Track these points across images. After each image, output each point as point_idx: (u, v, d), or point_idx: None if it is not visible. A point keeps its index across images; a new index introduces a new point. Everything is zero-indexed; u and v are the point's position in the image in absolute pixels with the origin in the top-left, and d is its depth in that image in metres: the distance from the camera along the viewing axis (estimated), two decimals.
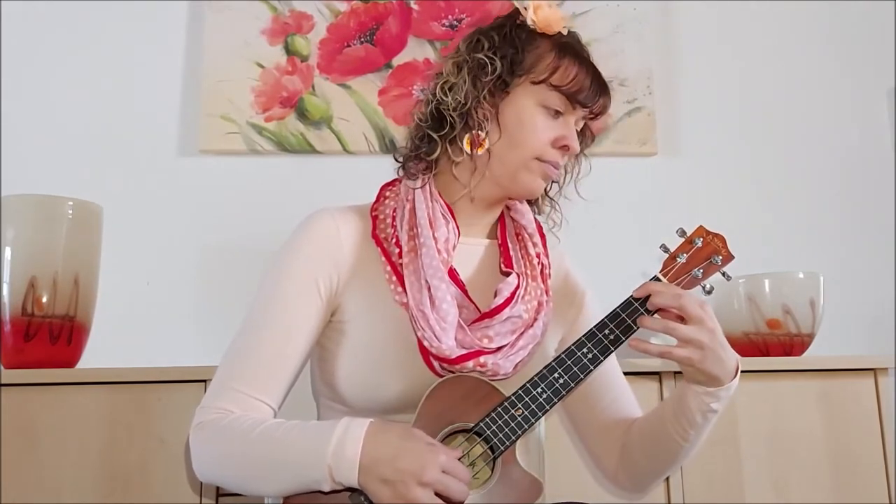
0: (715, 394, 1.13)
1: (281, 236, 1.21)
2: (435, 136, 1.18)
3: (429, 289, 1.12)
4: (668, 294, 1.10)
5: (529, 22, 1.19)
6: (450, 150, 1.19)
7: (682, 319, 1.09)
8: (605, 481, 1.36)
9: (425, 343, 1.09)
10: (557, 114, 1.18)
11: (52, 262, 1.56)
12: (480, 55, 1.17)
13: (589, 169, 1.30)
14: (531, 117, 1.17)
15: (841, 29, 2.23)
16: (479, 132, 1.17)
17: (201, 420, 1.10)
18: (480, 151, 1.17)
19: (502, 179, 1.19)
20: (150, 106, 1.99)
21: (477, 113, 1.17)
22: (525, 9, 1.20)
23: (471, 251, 1.24)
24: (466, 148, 1.17)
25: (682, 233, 1.17)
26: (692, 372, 1.12)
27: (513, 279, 1.18)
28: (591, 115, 1.22)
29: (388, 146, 2.01)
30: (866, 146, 2.18)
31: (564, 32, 1.21)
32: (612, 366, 1.30)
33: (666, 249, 1.16)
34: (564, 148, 1.19)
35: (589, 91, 1.17)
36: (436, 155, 1.20)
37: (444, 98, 1.17)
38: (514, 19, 1.21)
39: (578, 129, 1.23)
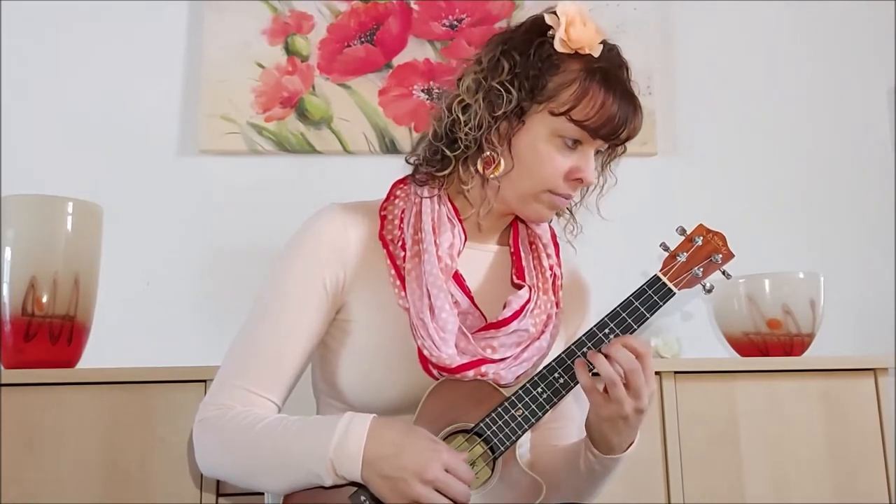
0: (603, 461, 1.12)
1: (281, 236, 1.20)
2: (449, 154, 1.14)
3: (429, 297, 1.10)
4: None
5: (559, 43, 1.10)
6: (461, 170, 1.15)
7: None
8: None
9: (425, 352, 1.09)
10: (576, 143, 1.12)
11: (52, 262, 1.55)
12: (497, 83, 1.10)
13: (615, 181, 1.24)
14: (546, 149, 1.11)
15: (841, 29, 2.23)
16: (493, 156, 1.12)
17: (204, 416, 1.10)
18: (493, 175, 1.13)
19: (511, 203, 1.16)
20: (150, 106, 2.00)
21: (491, 138, 1.12)
22: (556, 15, 1.11)
23: (480, 257, 1.21)
24: (479, 169, 1.14)
25: (681, 231, 1.15)
26: (595, 424, 1.09)
27: (524, 293, 1.16)
28: (615, 144, 1.16)
29: (388, 146, 2.01)
30: (866, 146, 2.18)
31: (596, 54, 1.12)
32: (573, 393, 1.15)
33: (666, 248, 1.15)
34: (578, 181, 1.14)
35: (614, 123, 1.10)
36: (447, 172, 1.15)
37: (459, 117, 1.13)
38: (543, 34, 1.12)
39: (604, 149, 1.18)
